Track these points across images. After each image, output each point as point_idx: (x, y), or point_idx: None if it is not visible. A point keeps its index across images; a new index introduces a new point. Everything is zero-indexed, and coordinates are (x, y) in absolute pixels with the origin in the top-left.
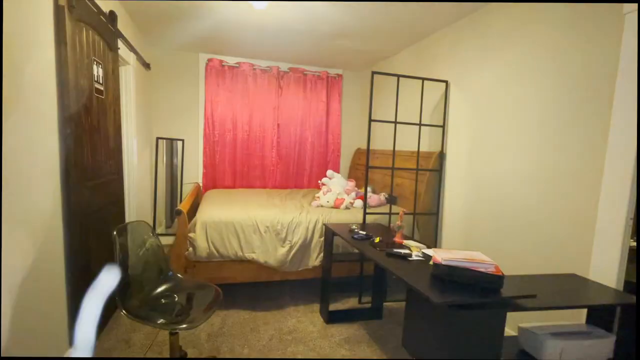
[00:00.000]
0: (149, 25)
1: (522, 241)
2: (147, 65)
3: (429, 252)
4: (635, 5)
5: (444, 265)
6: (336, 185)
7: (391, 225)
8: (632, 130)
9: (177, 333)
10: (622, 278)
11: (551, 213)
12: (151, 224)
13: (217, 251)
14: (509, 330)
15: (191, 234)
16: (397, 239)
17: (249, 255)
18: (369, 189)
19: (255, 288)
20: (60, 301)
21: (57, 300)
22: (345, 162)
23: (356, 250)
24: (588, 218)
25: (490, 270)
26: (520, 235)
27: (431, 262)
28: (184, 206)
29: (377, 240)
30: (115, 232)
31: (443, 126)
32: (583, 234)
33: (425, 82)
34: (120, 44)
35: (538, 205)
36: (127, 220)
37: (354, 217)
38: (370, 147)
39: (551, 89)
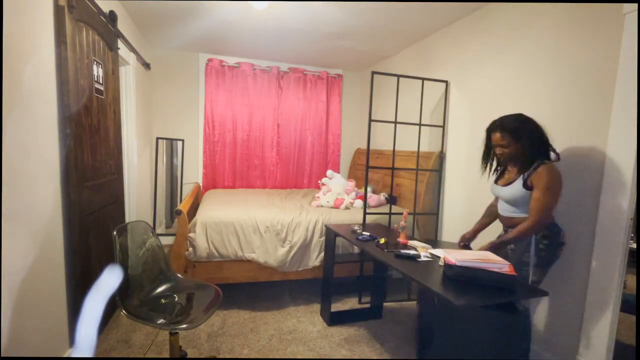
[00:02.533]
0: (149, 25)
1: None
2: (147, 65)
3: (437, 252)
4: (635, 5)
5: (457, 266)
6: (336, 185)
7: (395, 225)
8: (632, 130)
9: (177, 333)
10: (622, 279)
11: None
12: (151, 224)
13: (217, 251)
14: None
15: (191, 234)
16: (401, 240)
17: (248, 255)
18: (369, 189)
19: (255, 288)
20: (60, 301)
21: (57, 300)
22: (345, 162)
23: (356, 251)
24: (588, 218)
25: (505, 270)
26: None
27: (441, 263)
28: (184, 206)
29: (382, 241)
30: (115, 232)
31: (443, 126)
32: (583, 234)
33: (425, 82)
34: (120, 44)
35: None
36: (127, 220)
37: (353, 217)
38: (370, 147)
39: (551, 89)
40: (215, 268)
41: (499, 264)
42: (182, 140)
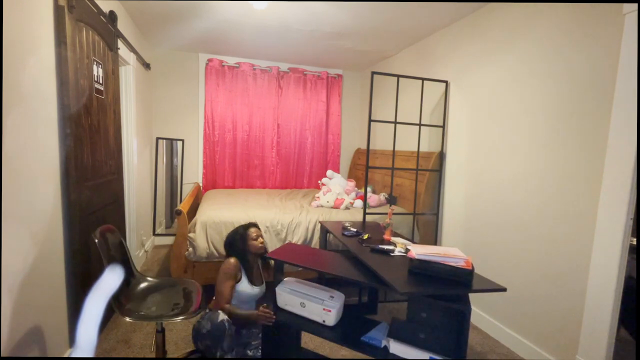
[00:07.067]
0: (149, 25)
1: (522, 241)
2: (147, 65)
3: (411, 248)
4: (635, 5)
5: (416, 259)
6: (336, 186)
7: (381, 223)
8: (632, 130)
9: (163, 331)
10: (622, 278)
11: (551, 213)
12: (151, 224)
13: (217, 251)
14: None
15: (191, 234)
16: (386, 236)
17: None
18: (369, 189)
19: None
20: (60, 301)
21: (57, 300)
22: (345, 162)
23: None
24: (588, 218)
25: (460, 264)
26: (520, 235)
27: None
28: (183, 206)
29: (365, 237)
30: (96, 239)
31: (443, 126)
32: (583, 234)
33: (425, 82)
34: (120, 44)
35: (538, 205)
36: (127, 220)
37: (353, 217)
38: (370, 147)
39: (551, 89)
40: (215, 268)
41: (456, 259)
42: (182, 140)
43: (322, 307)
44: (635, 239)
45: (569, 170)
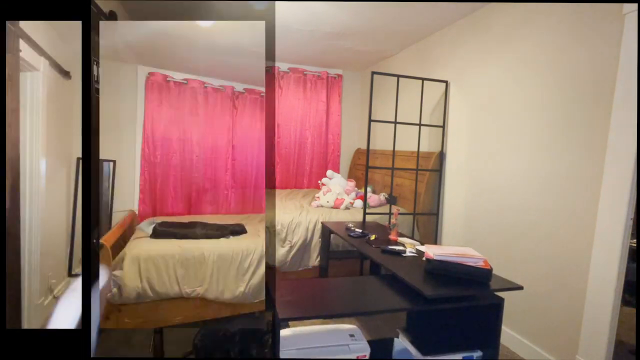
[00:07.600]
0: (69, 27)
1: (522, 241)
2: (66, 74)
3: (422, 248)
4: (635, 5)
5: (435, 260)
6: (336, 186)
7: (386, 223)
8: (632, 130)
9: (161, 331)
10: (622, 278)
11: (551, 213)
12: (66, 262)
13: (152, 289)
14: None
15: (116, 272)
16: (392, 237)
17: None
18: (369, 189)
19: None
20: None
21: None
22: (345, 162)
23: (354, 249)
24: (588, 218)
25: (479, 264)
26: (520, 235)
27: (424, 258)
28: (108, 239)
29: (372, 237)
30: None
31: (443, 126)
32: (583, 234)
33: (425, 82)
34: (25, 46)
35: (538, 205)
36: (24, 260)
37: (353, 217)
38: (370, 147)
39: (551, 89)
40: (148, 309)
41: (475, 259)
42: (113, 162)
43: (355, 355)
44: (635, 242)
45: (569, 170)
